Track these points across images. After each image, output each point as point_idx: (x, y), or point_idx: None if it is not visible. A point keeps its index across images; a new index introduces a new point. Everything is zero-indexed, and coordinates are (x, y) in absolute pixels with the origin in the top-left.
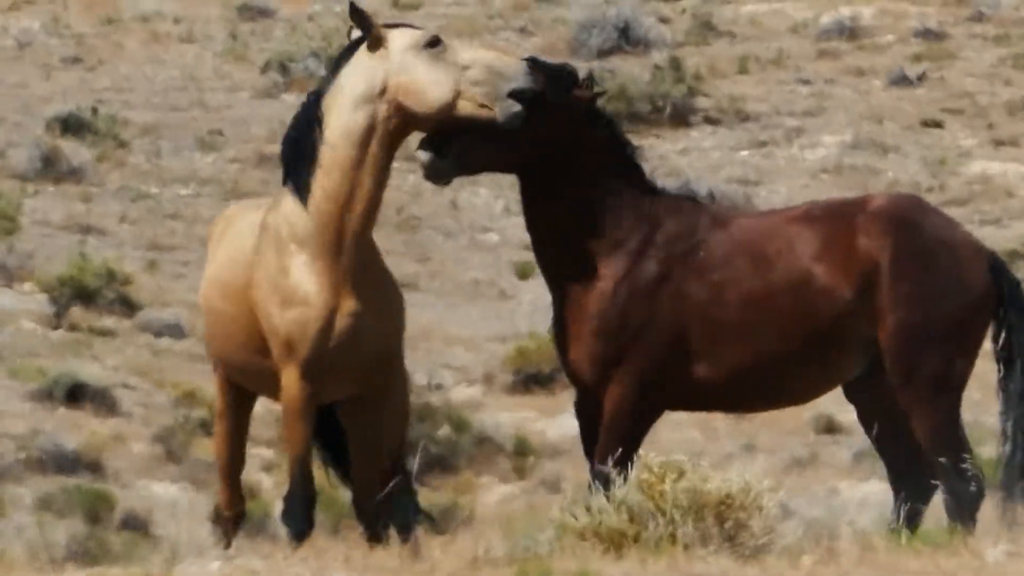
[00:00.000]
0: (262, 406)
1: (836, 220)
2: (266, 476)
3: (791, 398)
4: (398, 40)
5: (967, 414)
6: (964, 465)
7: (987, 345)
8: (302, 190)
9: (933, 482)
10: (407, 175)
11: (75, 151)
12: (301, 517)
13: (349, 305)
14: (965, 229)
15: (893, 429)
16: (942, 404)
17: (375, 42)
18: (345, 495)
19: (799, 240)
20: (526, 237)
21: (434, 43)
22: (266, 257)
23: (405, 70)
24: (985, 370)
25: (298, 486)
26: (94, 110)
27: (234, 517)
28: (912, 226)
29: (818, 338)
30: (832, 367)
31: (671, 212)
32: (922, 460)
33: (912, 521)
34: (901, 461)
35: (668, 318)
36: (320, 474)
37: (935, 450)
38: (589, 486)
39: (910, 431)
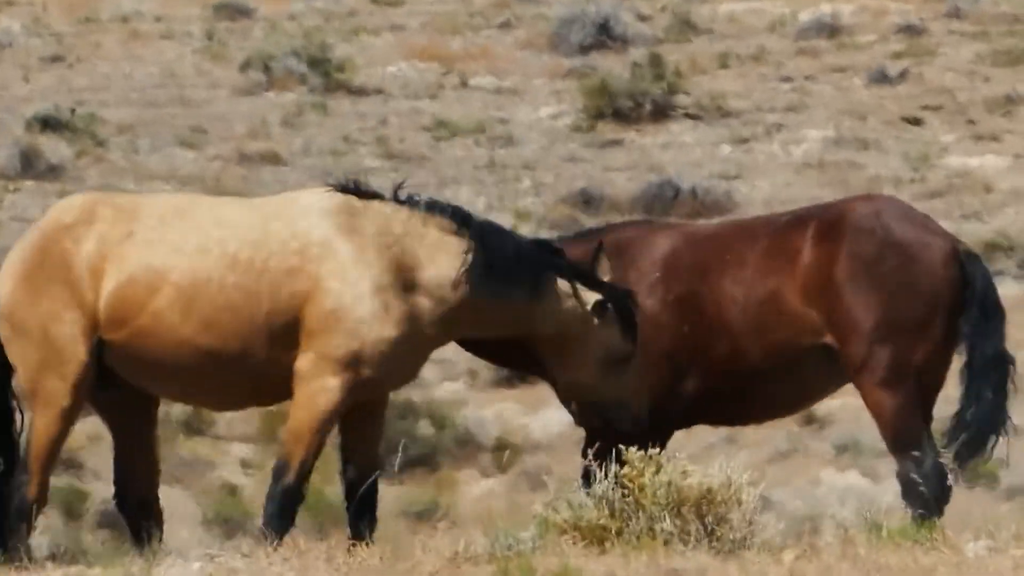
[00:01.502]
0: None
1: (787, 230)
2: (244, 474)
3: (778, 410)
4: None
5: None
6: (923, 451)
7: None
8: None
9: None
10: (389, 174)
11: (54, 149)
12: (292, 518)
13: None
14: (929, 227)
15: None
16: (897, 396)
17: None
18: (331, 494)
19: (749, 252)
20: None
21: None
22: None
23: None
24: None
25: (300, 488)
26: (73, 109)
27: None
28: (860, 231)
29: (778, 352)
30: (804, 380)
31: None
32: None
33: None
34: None
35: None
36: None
37: (893, 440)
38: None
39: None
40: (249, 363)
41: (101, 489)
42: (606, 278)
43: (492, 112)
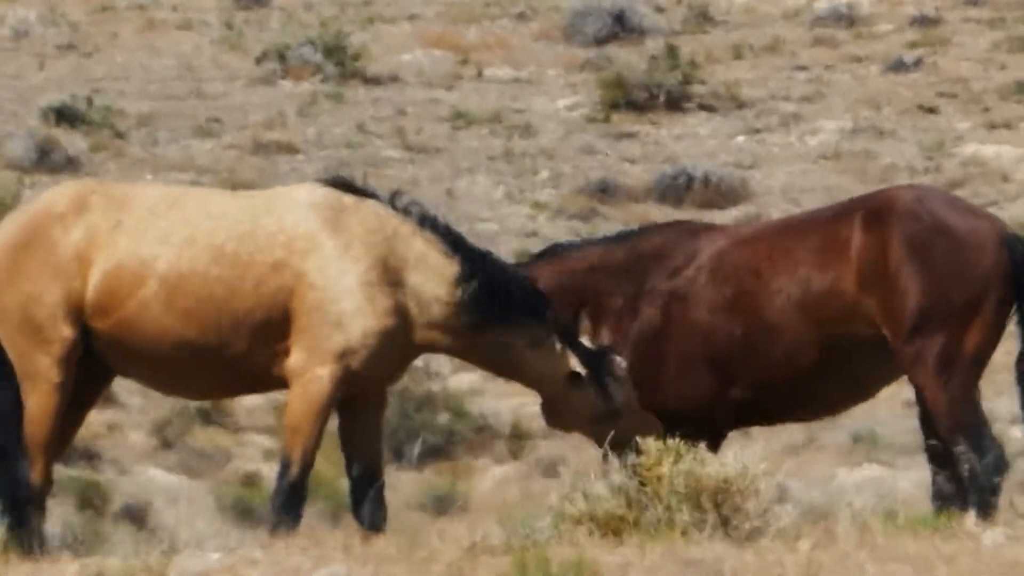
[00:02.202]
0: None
1: (833, 223)
2: (266, 465)
3: (831, 408)
4: None
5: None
6: (982, 440)
7: None
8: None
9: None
10: (406, 164)
11: (71, 141)
12: (300, 510)
13: None
14: (974, 211)
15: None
16: (951, 384)
17: None
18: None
19: (798, 249)
20: (525, 225)
21: None
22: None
23: None
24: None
25: (304, 480)
26: (89, 100)
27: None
28: (910, 217)
29: (835, 346)
30: (857, 376)
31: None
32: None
33: (945, 502)
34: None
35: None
36: (318, 463)
37: (949, 429)
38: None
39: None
40: (229, 355)
41: (121, 481)
42: (585, 336)
43: (508, 102)
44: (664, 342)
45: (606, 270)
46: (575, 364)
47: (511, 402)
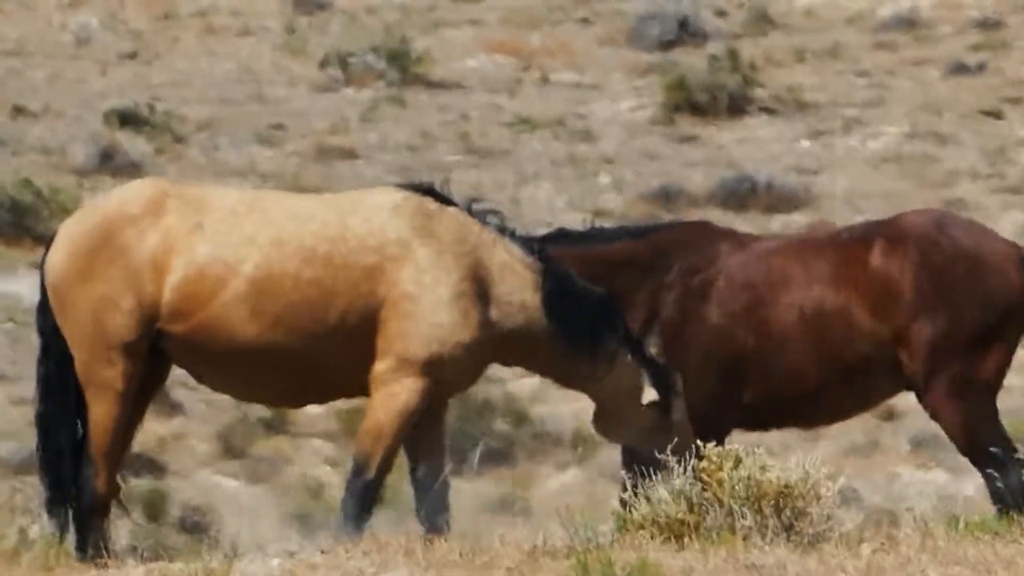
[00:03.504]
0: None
1: (852, 244)
2: (328, 471)
3: (829, 419)
4: None
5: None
6: (1005, 460)
7: None
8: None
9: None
10: (469, 170)
11: (133, 145)
12: (370, 514)
13: None
14: (991, 235)
15: None
16: (967, 407)
17: None
18: (408, 489)
19: (816, 267)
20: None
21: None
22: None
23: None
24: None
25: (380, 484)
26: (151, 105)
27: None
28: (929, 242)
29: (844, 365)
30: (865, 391)
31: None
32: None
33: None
34: None
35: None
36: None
37: (970, 449)
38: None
39: None
40: (313, 359)
41: (184, 489)
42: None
43: (571, 106)
44: (681, 338)
45: (630, 264)
46: (640, 377)
47: (573, 406)
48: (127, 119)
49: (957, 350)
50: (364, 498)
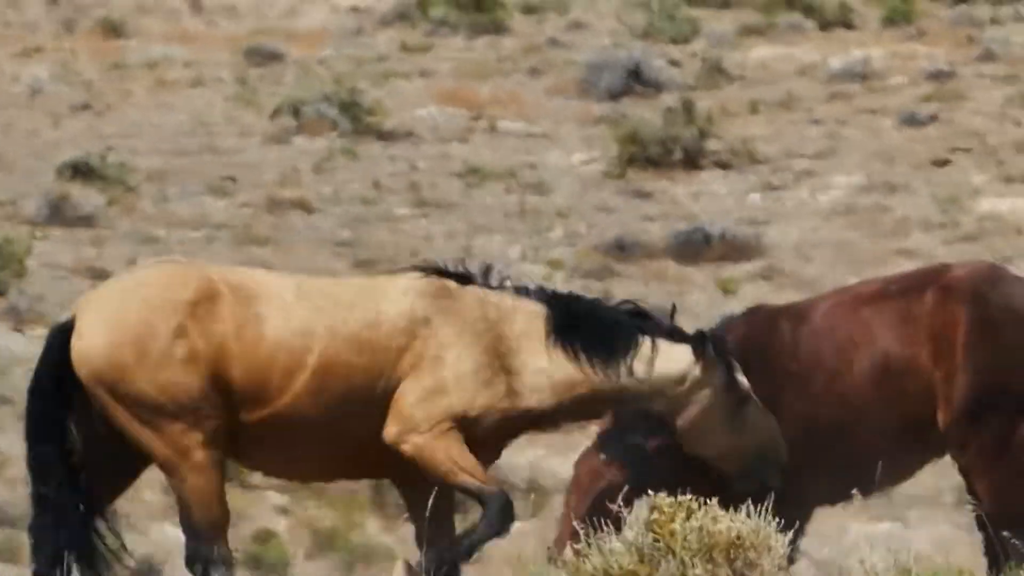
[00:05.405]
0: None
1: (906, 296)
2: (279, 521)
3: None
4: None
5: None
6: None
7: None
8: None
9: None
10: (419, 219)
11: (85, 196)
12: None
13: None
14: None
15: None
16: (1001, 471)
17: None
18: (357, 537)
19: (874, 322)
20: (541, 284)
21: None
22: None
23: None
24: None
25: (506, 494)
26: (103, 156)
27: None
28: (981, 297)
29: (910, 419)
30: (930, 445)
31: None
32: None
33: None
34: None
35: None
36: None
37: (996, 517)
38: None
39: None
40: (359, 438)
41: (137, 540)
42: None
43: (523, 157)
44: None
45: None
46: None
47: (527, 455)
48: (79, 170)
49: (997, 411)
50: (501, 512)
